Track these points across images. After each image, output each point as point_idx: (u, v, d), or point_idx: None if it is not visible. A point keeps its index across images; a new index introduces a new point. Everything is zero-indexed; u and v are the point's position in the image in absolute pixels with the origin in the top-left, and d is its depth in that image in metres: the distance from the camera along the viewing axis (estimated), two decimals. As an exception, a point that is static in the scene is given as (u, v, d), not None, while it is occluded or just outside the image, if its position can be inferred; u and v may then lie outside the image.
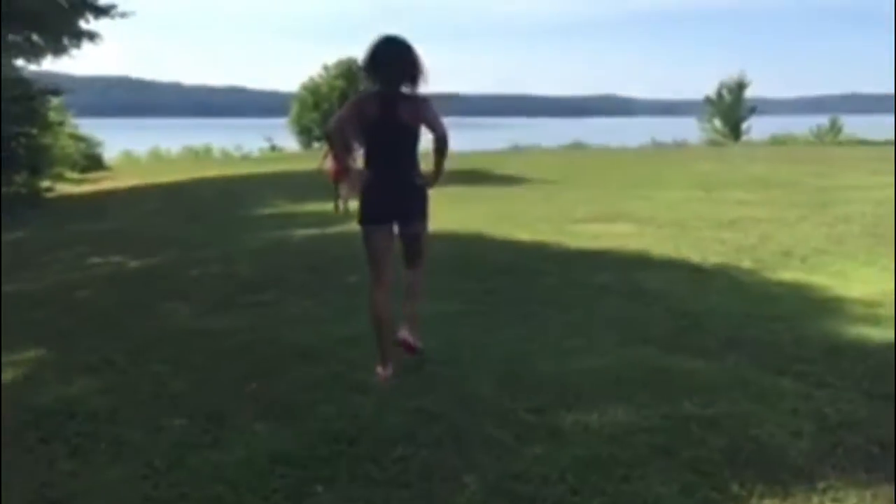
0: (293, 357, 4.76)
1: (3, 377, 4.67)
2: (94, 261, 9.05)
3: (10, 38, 17.09)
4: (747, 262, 7.34)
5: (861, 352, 4.56)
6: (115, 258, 9.04)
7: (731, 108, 41.51)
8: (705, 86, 73.22)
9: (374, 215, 4.26)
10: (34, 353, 5.28)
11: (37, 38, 18.28)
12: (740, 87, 41.95)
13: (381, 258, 4.30)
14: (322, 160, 13.08)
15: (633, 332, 5.09)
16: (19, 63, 18.89)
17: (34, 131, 19.22)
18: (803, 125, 38.87)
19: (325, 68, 44.83)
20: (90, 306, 6.69)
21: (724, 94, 41.89)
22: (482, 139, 43.00)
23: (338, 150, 4.40)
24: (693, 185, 14.88)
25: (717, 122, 41.55)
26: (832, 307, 5.71)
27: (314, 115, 42.67)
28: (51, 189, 19.92)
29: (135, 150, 36.50)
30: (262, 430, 3.65)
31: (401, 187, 4.24)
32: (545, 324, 5.35)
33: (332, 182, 12.14)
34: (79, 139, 30.43)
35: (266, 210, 13.45)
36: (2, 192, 15.95)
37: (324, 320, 5.61)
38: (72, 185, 22.79)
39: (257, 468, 3.28)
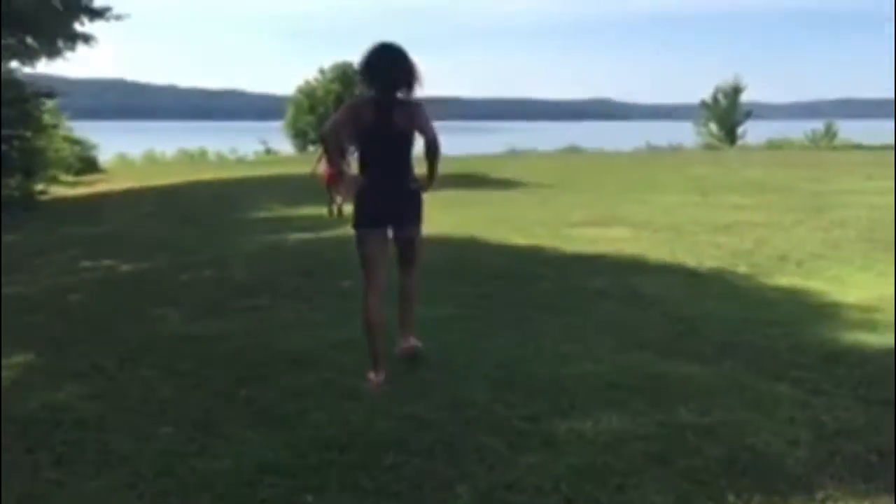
0: (285, 363, 4.71)
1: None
2: (87, 264, 8.97)
3: (5, 40, 17.00)
4: (743, 267, 7.30)
5: (858, 358, 4.52)
6: (107, 262, 8.96)
7: (727, 113, 41.58)
8: (701, 90, 73.38)
9: (368, 219, 4.26)
10: (23, 358, 5.21)
11: (31, 40, 18.21)
12: (736, 91, 42.06)
13: (375, 262, 4.29)
14: (316, 164, 13.02)
15: (628, 337, 5.05)
16: (13, 65, 18.80)
17: (28, 134, 19.12)
18: (798, 130, 38.91)
19: (321, 72, 44.81)
20: (81, 311, 6.62)
21: (720, 98, 41.97)
22: (479, 142, 43.00)
23: (332, 154, 4.39)
24: (689, 189, 14.86)
25: (713, 127, 41.62)
26: (829, 312, 5.68)
27: (310, 118, 42.63)
28: (44, 192, 19.81)
29: (130, 153, 36.35)
30: (252, 438, 3.59)
31: (395, 192, 4.25)
32: (540, 329, 5.30)
33: (326, 186, 12.09)
34: (73, 142, 30.31)
35: (260, 214, 13.39)
36: (-2, 195, 15.87)
37: (317, 325, 5.55)
38: (66, 188, 22.67)
39: (245, 477, 3.22)
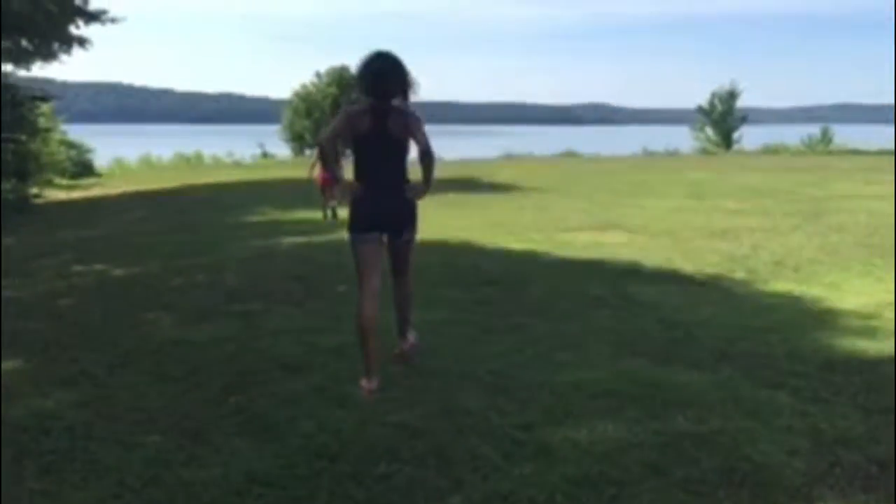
0: (276, 369, 4.65)
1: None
2: (79, 269, 8.89)
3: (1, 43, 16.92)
4: (740, 273, 7.25)
5: (857, 365, 4.48)
6: (99, 266, 8.89)
7: (723, 118, 41.64)
8: (698, 95, 73.53)
9: (363, 225, 4.29)
10: (13, 364, 5.14)
11: (26, 43, 18.14)
12: (732, 96, 42.12)
13: (369, 267, 4.31)
14: (311, 169, 13.01)
15: (624, 343, 5.00)
16: (8, 68, 18.73)
17: (23, 138, 19.04)
18: (794, 134, 38.95)
19: (318, 75, 44.80)
20: (73, 316, 6.55)
21: (717, 103, 42.03)
22: (475, 147, 42.98)
23: (330, 163, 4.42)
24: (685, 194, 14.84)
25: (709, 131, 41.66)
26: (826, 319, 5.63)
27: (306, 122, 42.63)
28: (38, 196, 19.72)
29: (126, 157, 36.23)
30: (241, 447, 3.53)
31: (390, 198, 4.30)
32: (535, 335, 5.25)
33: (320, 188, 12.08)
34: (69, 145, 30.25)
35: (254, 218, 13.32)
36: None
37: (309, 330, 5.48)
38: (61, 192, 22.59)
39: (234, 487, 3.15)
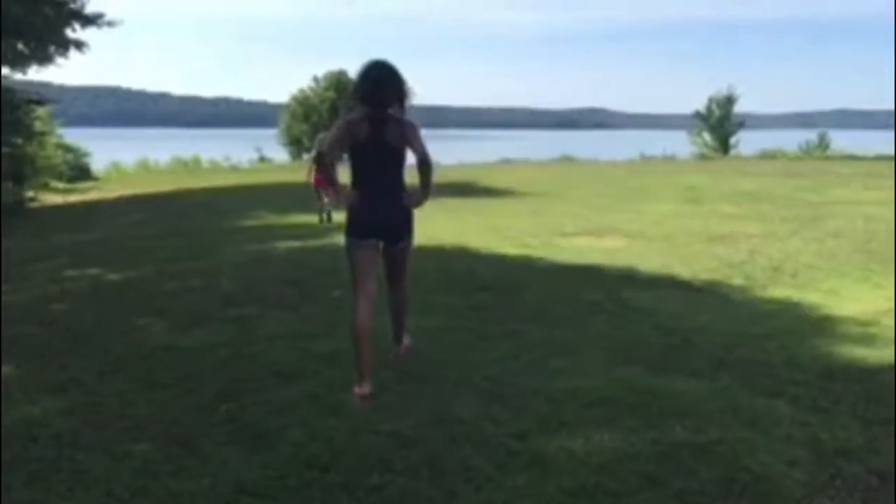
0: (269, 376, 4.59)
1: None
2: (72, 273, 8.82)
3: (-3, 46, 16.86)
4: (738, 279, 7.21)
5: (856, 374, 4.43)
6: (93, 271, 8.82)
7: (720, 123, 41.68)
8: (695, 100, 73.71)
9: (361, 231, 4.31)
10: (3, 370, 5.07)
11: (22, 46, 18.07)
12: (729, 101, 42.18)
13: (365, 273, 4.32)
14: (308, 174, 13.00)
15: (620, 350, 4.95)
16: (5, 72, 18.66)
17: (19, 141, 18.97)
18: (791, 140, 38.96)
19: (316, 80, 44.83)
20: (65, 321, 6.48)
21: (714, 108, 42.08)
22: (471, 151, 42.98)
23: (331, 173, 4.44)
24: (682, 199, 14.80)
25: (707, 137, 41.69)
26: (825, 326, 5.58)
27: (304, 126, 42.63)
28: (34, 199, 19.65)
29: (123, 161, 36.15)
30: (231, 457, 3.46)
31: (388, 206, 4.33)
32: (530, 341, 5.19)
33: (315, 189, 12.07)
34: (66, 149, 30.16)
35: (251, 222, 13.25)
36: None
37: (303, 336, 5.43)
38: (58, 196, 22.52)
39: (222, 498, 3.10)
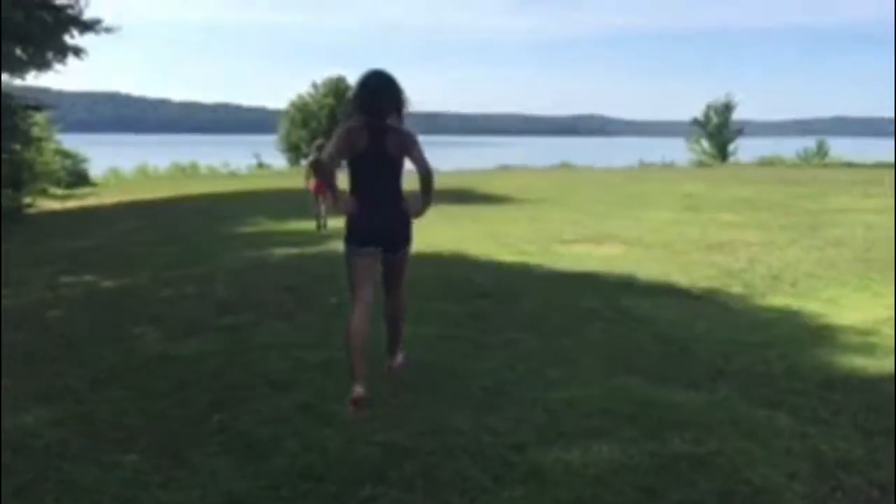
0: (262, 385, 4.54)
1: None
2: (68, 280, 8.76)
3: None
4: (737, 287, 7.16)
5: (856, 384, 4.38)
6: (89, 277, 8.77)
7: (719, 130, 41.73)
8: (693, 107, 73.85)
9: (360, 239, 4.32)
10: (-2, 378, 5.02)
11: (20, 51, 18.04)
12: (727, 108, 42.23)
13: (363, 280, 4.34)
14: (306, 179, 12.96)
15: (619, 360, 4.90)
16: (3, 78, 18.61)
17: (17, 147, 18.92)
18: (790, 147, 38.99)
19: (314, 86, 44.88)
20: (59, 328, 6.43)
21: (712, 115, 42.13)
22: (470, 157, 42.99)
23: (332, 182, 4.43)
24: (681, 206, 14.77)
25: (705, 144, 41.73)
26: (824, 335, 5.54)
27: (302, 132, 42.67)
28: (30, 205, 19.59)
29: (122, 167, 36.15)
30: (222, 468, 3.40)
31: (387, 214, 4.35)
32: (527, 350, 5.14)
33: (314, 196, 12.02)
34: (64, 155, 30.14)
35: (248, 228, 13.21)
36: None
37: (298, 345, 5.37)
38: (56, 202, 22.47)
39: (213, 511, 3.04)
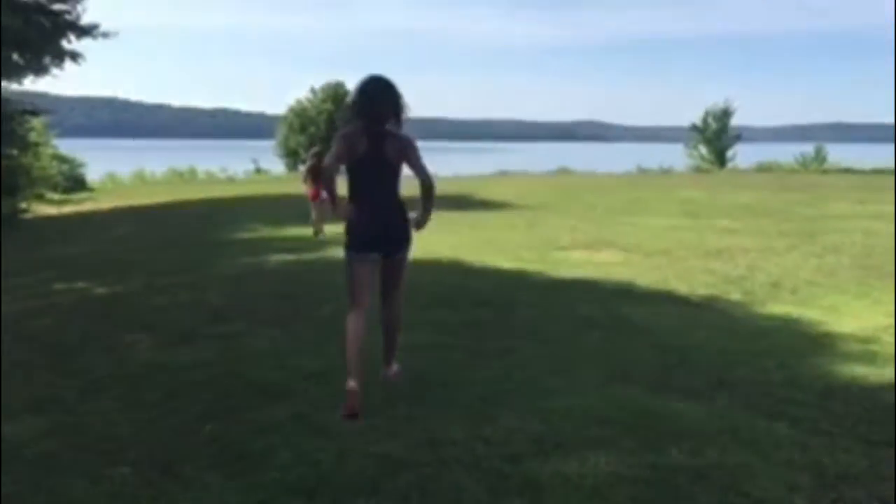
0: (255, 395, 4.47)
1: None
2: (60, 287, 8.71)
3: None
4: (736, 294, 7.10)
5: (857, 393, 4.33)
6: (81, 284, 8.71)
7: (717, 136, 41.68)
8: (691, 113, 73.93)
9: (361, 245, 4.34)
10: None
11: (17, 57, 18.00)
12: (726, 114, 42.20)
13: (362, 286, 4.36)
14: (304, 184, 12.91)
15: (617, 369, 4.83)
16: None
17: (14, 152, 18.87)
18: (788, 153, 38.95)
19: (313, 91, 44.80)
20: (50, 336, 6.37)
21: (710, 121, 42.08)
22: (468, 163, 42.95)
23: (333, 188, 4.39)
24: (679, 212, 14.73)
25: (703, 149, 41.68)
26: (825, 343, 5.48)
27: (301, 137, 42.57)
28: (26, 210, 19.53)
29: (119, 172, 36.07)
30: (212, 481, 3.33)
31: (385, 219, 4.36)
32: (524, 359, 5.08)
33: (311, 202, 11.98)
34: (61, 160, 30.08)
35: (245, 234, 13.14)
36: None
37: (291, 354, 5.31)
38: (52, 207, 22.41)
39: (202, 525, 2.98)
